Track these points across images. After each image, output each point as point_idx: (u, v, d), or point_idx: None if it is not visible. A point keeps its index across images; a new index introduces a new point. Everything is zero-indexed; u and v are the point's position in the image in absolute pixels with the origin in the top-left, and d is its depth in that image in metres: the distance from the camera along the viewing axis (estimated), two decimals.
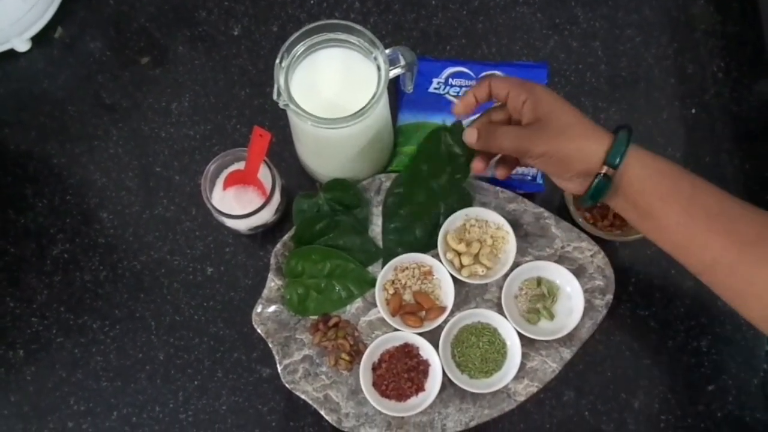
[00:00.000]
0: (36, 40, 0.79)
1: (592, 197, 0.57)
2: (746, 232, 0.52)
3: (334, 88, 0.65)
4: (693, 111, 0.77)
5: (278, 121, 0.75)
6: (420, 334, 0.68)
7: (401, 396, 0.67)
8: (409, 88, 0.71)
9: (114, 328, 0.72)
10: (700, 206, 0.54)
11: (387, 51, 0.63)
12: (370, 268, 0.71)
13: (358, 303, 0.70)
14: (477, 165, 0.65)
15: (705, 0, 0.80)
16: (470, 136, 0.62)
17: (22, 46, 0.78)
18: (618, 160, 0.55)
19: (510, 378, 0.66)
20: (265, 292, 0.70)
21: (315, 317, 0.69)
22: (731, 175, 0.75)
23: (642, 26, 0.79)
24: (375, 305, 0.69)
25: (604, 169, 0.55)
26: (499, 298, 0.69)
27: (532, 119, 0.58)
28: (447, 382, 0.67)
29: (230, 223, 0.70)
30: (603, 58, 0.78)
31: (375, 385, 0.68)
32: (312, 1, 0.81)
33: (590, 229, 0.70)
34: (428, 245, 0.71)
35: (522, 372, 0.67)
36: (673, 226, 0.55)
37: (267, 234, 0.73)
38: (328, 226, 0.71)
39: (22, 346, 0.71)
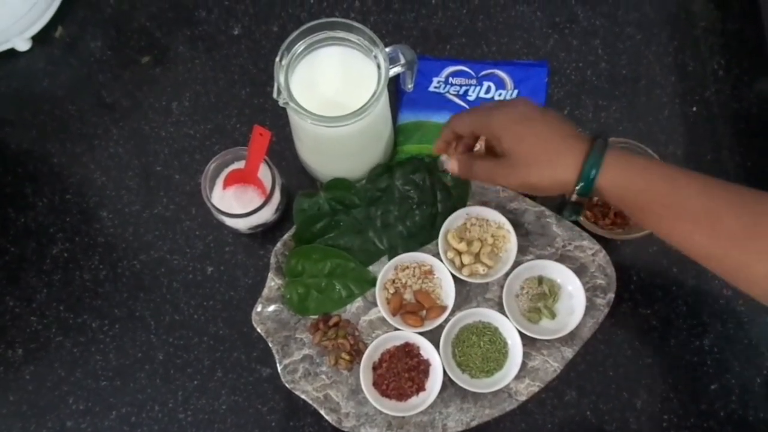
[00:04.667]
0: (37, 39, 0.79)
1: (570, 215, 0.57)
2: (731, 228, 0.50)
3: (334, 87, 0.65)
4: (694, 108, 0.77)
5: (278, 121, 0.75)
6: (421, 333, 0.68)
7: (402, 396, 0.67)
8: (409, 86, 0.71)
9: (113, 328, 0.71)
10: (680, 211, 0.52)
11: (387, 49, 0.63)
12: (370, 268, 0.71)
13: (358, 302, 0.70)
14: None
15: None
16: (452, 167, 0.62)
17: (23, 45, 0.78)
18: (588, 189, 0.53)
19: (511, 377, 0.66)
20: (265, 291, 0.69)
21: (315, 317, 0.69)
22: (732, 172, 0.74)
23: (642, 24, 0.79)
24: (375, 304, 0.69)
25: (575, 197, 0.54)
26: (500, 297, 0.69)
27: (500, 153, 0.57)
28: (448, 382, 0.67)
29: (230, 222, 0.69)
30: (603, 57, 0.78)
31: (375, 384, 0.67)
32: (312, 1, 0.81)
33: (591, 227, 0.69)
34: (427, 239, 0.71)
35: (523, 371, 0.67)
36: (659, 231, 0.54)
37: (267, 233, 0.73)
38: (329, 226, 0.70)
39: (22, 345, 0.71)
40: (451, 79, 0.75)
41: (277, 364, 0.67)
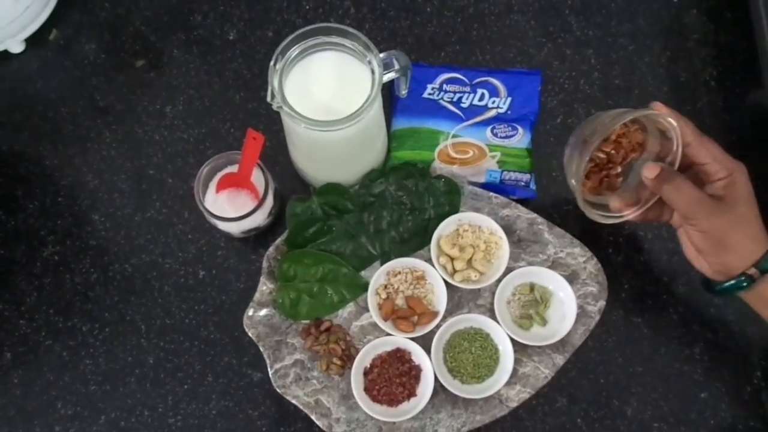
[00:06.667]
0: (30, 41, 0.79)
1: (726, 290, 0.60)
2: None
3: (328, 91, 0.65)
4: None
5: (272, 125, 0.75)
6: (412, 339, 0.68)
7: (393, 401, 0.67)
8: (403, 92, 0.71)
9: (103, 331, 0.71)
10: None
11: (381, 55, 0.63)
12: (362, 273, 0.71)
13: (350, 307, 0.70)
14: (616, 205, 0.63)
15: (697, 9, 0.80)
16: (650, 172, 0.59)
17: (17, 47, 0.78)
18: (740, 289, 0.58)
19: (502, 384, 0.66)
20: (257, 295, 0.69)
21: (307, 321, 0.69)
22: None
23: (635, 35, 0.80)
24: (367, 310, 0.69)
25: (752, 270, 0.58)
26: (492, 304, 0.69)
27: (719, 196, 0.59)
28: (439, 388, 0.67)
29: (223, 226, 0.69)
30: (596, 66, 0.79)
31: (366, 390, 0.67)
32: (307, 7, 0.81)
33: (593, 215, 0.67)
34: (419, 245, 0.71)
35: (514, 378, 0.67)
36: None
37: (259, 237, 0.73)
38: (321, 231, 0.70)
39: (10, 348, 0.70)
40: (445, 86, 0.76)
41: (268, 369, 0.67)
